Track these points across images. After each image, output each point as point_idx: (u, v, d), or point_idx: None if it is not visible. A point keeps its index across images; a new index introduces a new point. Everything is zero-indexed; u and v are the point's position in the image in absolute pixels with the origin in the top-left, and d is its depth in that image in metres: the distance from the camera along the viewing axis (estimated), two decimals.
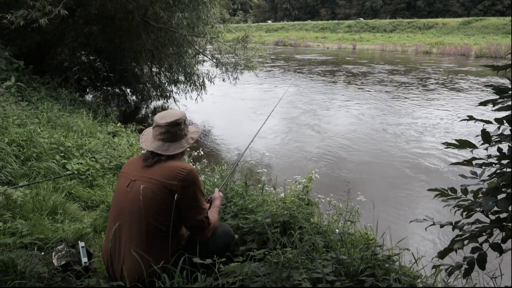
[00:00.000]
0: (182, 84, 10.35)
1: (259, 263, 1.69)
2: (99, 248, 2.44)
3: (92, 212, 3.15)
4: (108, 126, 6.07)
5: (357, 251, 2.12)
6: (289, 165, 6.62)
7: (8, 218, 2.48)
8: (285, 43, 41.42)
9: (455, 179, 5.82)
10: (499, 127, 1.32)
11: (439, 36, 36.22)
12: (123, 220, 1.72)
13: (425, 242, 4.10)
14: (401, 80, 16.53)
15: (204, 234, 1.82)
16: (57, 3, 5.91)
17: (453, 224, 1.44)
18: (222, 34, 9.34)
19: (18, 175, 3.49)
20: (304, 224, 2.41)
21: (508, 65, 1.24)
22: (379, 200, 5.11)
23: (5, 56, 6.34)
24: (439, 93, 13.51)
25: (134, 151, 4.49)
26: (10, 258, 1.92)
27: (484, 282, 1.88)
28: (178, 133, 1.82)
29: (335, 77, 17.83)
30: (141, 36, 8.11)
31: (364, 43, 38.02)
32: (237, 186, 3.05)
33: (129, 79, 10.01)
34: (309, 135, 8.60)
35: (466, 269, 1.33)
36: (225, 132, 9.03)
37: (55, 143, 4.17)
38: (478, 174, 1.40)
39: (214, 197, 2.17)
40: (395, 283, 1.79)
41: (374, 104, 11.90)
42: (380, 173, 6.43)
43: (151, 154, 1.79)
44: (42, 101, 6.02)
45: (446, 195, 1.42)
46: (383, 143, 7.97)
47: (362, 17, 55.37)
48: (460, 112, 10.60)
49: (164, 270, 1.65)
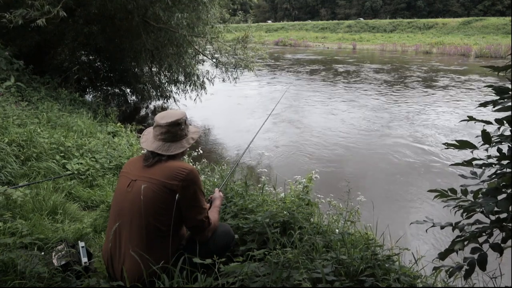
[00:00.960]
0: (182, 84, 10.35)
1: (259, 263, 1.69)
2: (99, 248, 2.44)
3: (92, 212, 3.15)
4: (108, 126, 6.07)
5: (357, 251, 2.12)
6: (289, 165, 6.62)
7: (8, 218, 2.48)
8: (285, 43, 41.40)
9: (455, 179, 5.83)
10: (499, 127, 1.32)
11: (439, 36, 36.21)
12: (123, 220, 1.72)
13: (425, 242, 4.10)
14: (401, 81, 16.53)
15: (204, 234, 1.82)
16: (57, 3, 5.90)
17: (453, 225, 1.44)
18: (222, 34, 9.34)
19: (18, 175, 3.49)
20: (304, 224, 2.41)
21: (508, 65, 1.24)
22: (379, 200, 5.12)
23: (5, 56, 6.34)
24: (439, 93, 13.51)
25: (134, 151, 4.49)
26: (10, 258, 1.92)
27: (484, 282, 1.88)
28: (178, 133, 1.83)
29: (335, 77, 17.82)
30: (141, 36, 8.11)
31: (364, 43, 38.01)
32: (237, 186, 3.05)
33: (129, 79, 10.01)
34: (309, 135, 8.60)
35: (467, 270, 1.33)
36: (225, 132, 9.03)
37: (55, 143, 4.17)
38: (478, 174, 1.40)
39: (214, 197, 2.17)
40: (395, 283, 1.79)
41: (374, 104, 11.89)
42: (380, 173, 6.43)
43: (151, 154, 1.80)
44: (42, 101, 6.02)
45: (446, 196, 1.42)
46: (383, 143, 7.97)
47: (362, 17, 55.36)
48: (460, 112, 10.60)
49: (164, 270, 1.65)
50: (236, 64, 9.71)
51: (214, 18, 8.87)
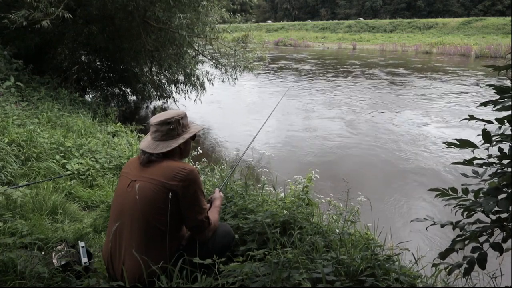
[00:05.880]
0: (182, 84, 10.35)
1: (259, 263, 1.69)
2: (99, 248, 2.44)
3: (92, 212, 3.15)
4: (108, 126, 6.07)
5: (357, 251, 2.11)
6: (289, 165, 6.62)
7: (8, 218, 2.48)
8: (285, 43, 41.41)
9: (455, 179, 5.83)
10: (500, 127, 1.32)
11: (439, 36, 36.19)
12: (124, 220, 1.72)
13: (426, 242, 4.09)
14: (401, 81, 16.53)
15: (204, 234, 1.82)
16: (58, 3, 5.89)
17: (453, 224, 1.44)
18: (222, 35, 9.34)
19: (18, 175, 3.49)
20: (304, 224, 2.40)
21: (508, 65, 1.24)
22: (379, 199, 5.12)
23: (5, 56, 6.34)
24: (439, 93, 13.50)
25: (134, 151, 4.49)
26: (10, 258, 1.92)
27: (484, 282, 1.88)
28: (168, 132, 1.82)
29: (335, 77, 17.82)
30: (141, 36, 8.10)
31: (364, 43, 38.01)
32: (237, 186, 3.05)
33: (129, 79, 10.01)
34: (309, 135, 8.60)
35: (466, 268, 1.33)
36: (224, 132, 9.03)
37: (55, 143, 4.17)
38: (479, 173, 1.40)
39: (214, 197, 2.17)
40: (395, 283, 1.78)
41: (374, 104, 11.89)
42: (381, 173, 6.43)
43: (142, 152, 1.82)
44: (42, 101, 6.02)
45: (447, 195, 1.42)
46: (383, 142, 7.97)
47: (362, 17, 55.34)
48: (460, 111, 10.59)
49: (164, 270, 1.65)
50: (236, 64, 9.71)
51: (214, 18, 8.87)
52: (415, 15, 52.21)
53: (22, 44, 7.33)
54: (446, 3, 54.47)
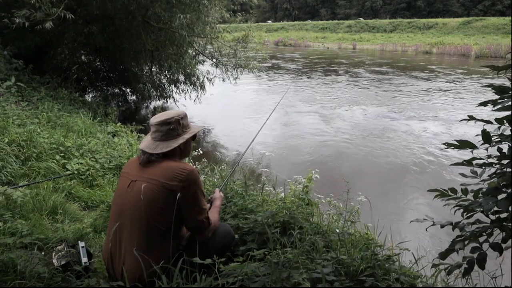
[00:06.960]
0: (182, 84, 10.34)
1: (259, 263, 1.69)
2: (99, 248, 2.44)
3: (92, 212, 3.15)
4: (108, 126, 6.07)
5: (357, 251, 2.12)
6: (289, 165, 6.62)
7: (8, 218, 2.48)
8: (285, 43, 41.39)
9: (455, 179, 5.83)
10: (499, 127, 1.32)
11: (439, 36, 36.19)
12: (124, 220, 1.72)
13: (425, 242, 4.09)
14: (402, 80, 16.53)
15: (204, 234, 1.82)
16: (59, 3, 5.88)
17: (453, 224, 1.44)
18: (222, 35, 9.34)
19: (18, 175, 3.49)
20: (304, 224, 2.40)
21: (508, 65, 1.24)
22: (379, 200, 5.12)
23: (5, 56, 6.34)
24: (439, 93, 13.50)
25: (134, 151, 4.49)
26: (10, 258, 1.92)
27: (484, 282, 1.88)
28: (168, 132, 1.82)
29: (336, 77, 17.82)
30: (141, 36, 8.10)
31: (364, 43, 38.00)
32: (237, 186, 3.05)
33: (129, 79, 10.00)
34: (309, 135, 8.60)
35: (466, 268, 1.33)
36: (225, 132, 9.03)
37: (55, 143, 4.17)
38: (478, 173, 1.40)
39: (214, 197, 2.17)
40: (395, 283, 1.79)
41: (374, 104, 11.89)
42: (380, 173, 6.43)
43: (141, 152, 1.82)
44: (42, 101, 6.01)
45: (446, 196, 1.42)
46: (383, 142, 7.97)
47: (362, 17, 55.33)
48: (460, 111, 10.59)
49: (164, 270, 1.65)
50: (236, 64, 9.70)
51: (214, 18, 8.87)
52: (415, 15, 52.20)
53: (22, 44, 7.32)
54: (446, 3, 54.46)
